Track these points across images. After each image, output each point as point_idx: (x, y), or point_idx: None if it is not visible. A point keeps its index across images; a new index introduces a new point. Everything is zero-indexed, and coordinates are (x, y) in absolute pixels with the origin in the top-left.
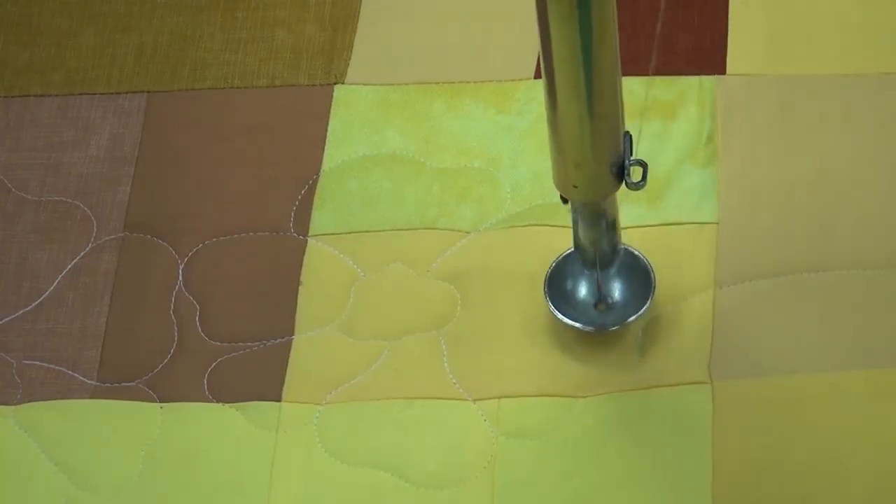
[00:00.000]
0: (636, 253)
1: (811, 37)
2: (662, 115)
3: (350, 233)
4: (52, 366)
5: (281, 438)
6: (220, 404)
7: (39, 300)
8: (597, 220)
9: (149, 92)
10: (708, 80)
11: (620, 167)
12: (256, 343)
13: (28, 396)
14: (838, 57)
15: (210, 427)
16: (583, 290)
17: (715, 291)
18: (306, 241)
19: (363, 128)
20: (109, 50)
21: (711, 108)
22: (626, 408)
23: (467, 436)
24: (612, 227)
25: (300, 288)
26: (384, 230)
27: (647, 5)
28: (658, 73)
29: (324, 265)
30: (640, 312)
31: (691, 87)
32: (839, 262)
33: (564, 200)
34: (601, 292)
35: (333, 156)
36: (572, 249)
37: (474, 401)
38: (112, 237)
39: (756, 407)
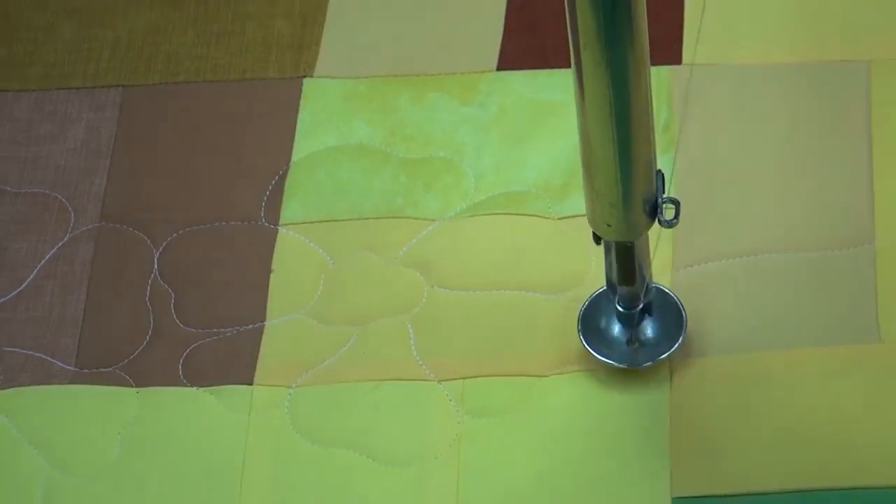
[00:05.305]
0: (666, 290)
1: (766, 26)
2: None
3: (320, 222)
4: (31, 353)
5: (253, 421)
6: (195, 388)
7: (19, 290)
8: (629, 257)
9: (124, 86)
10: (664, 70)
11: (653, 205)
12: (229, 329)
13: (8, 383)
14: (793, 45)
15: (184, 411)
16: (615, 328)
17: (673, 273)
18: (277, 230)
19: (331, 120)
20: (86, 45)
21: (668, 97)
22: (587, 387)
23: (433, 415)
24: (644, 263)
25: (272, 275)
26: (353, 219)
27: None
28: None
29: (294, 253)
30: (672, 349)
31: None
32: (795, 244)
33: (597, 240)
34: (633, 329)
35: (303, 147)
36: (605, 287)
37: (440, 381)
38: (89, 227)
39: (713, 385)
